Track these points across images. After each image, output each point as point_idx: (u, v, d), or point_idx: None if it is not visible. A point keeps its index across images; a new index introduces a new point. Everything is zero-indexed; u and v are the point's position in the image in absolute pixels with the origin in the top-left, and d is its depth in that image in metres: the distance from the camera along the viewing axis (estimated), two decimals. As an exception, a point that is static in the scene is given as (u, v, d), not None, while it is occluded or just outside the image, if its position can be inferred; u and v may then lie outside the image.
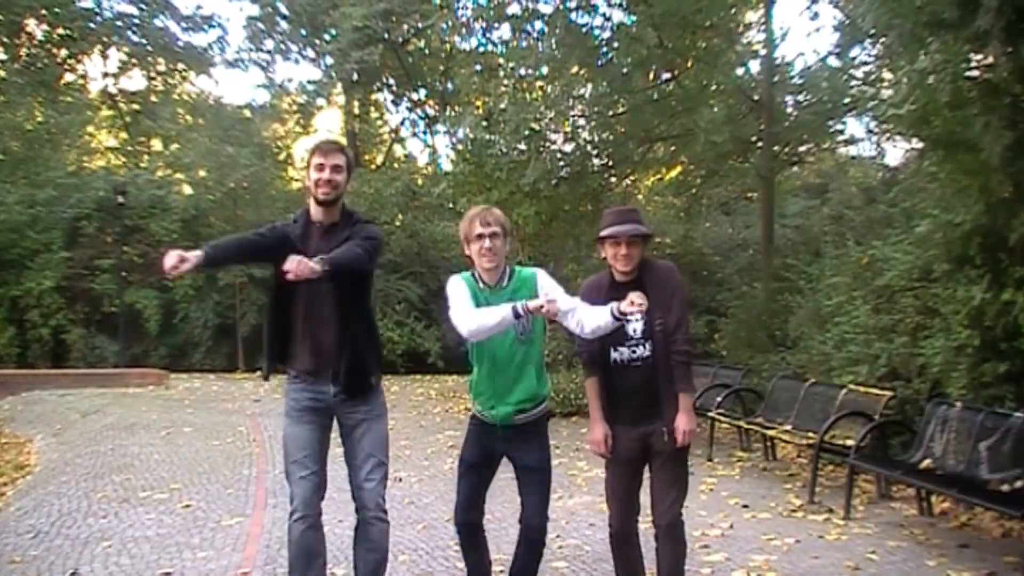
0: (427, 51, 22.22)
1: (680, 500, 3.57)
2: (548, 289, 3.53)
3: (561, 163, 12.32)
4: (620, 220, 3.56)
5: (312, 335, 3.45)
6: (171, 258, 3.15)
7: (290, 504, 3.45)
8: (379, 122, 26.71)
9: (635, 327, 3.50)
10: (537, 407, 3.59)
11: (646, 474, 3.66)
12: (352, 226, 3.51)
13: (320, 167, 3.45)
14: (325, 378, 3.46)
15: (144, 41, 22.50)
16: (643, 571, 3.67)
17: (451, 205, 15.90)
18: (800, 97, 12.68)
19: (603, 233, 3.55)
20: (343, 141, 21.90)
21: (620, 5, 11.91)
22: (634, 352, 3.52)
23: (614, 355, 3.55)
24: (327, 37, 21.61)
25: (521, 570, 3.65)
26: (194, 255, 3.19)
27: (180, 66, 23.59)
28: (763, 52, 12.65)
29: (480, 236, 3.49)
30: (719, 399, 8.46)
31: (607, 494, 3.71)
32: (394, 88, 24.51)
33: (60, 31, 21.77)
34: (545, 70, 11.91)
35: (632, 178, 14.58)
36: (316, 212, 3.51)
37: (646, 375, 3.51)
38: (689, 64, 12.14)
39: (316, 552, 3.47)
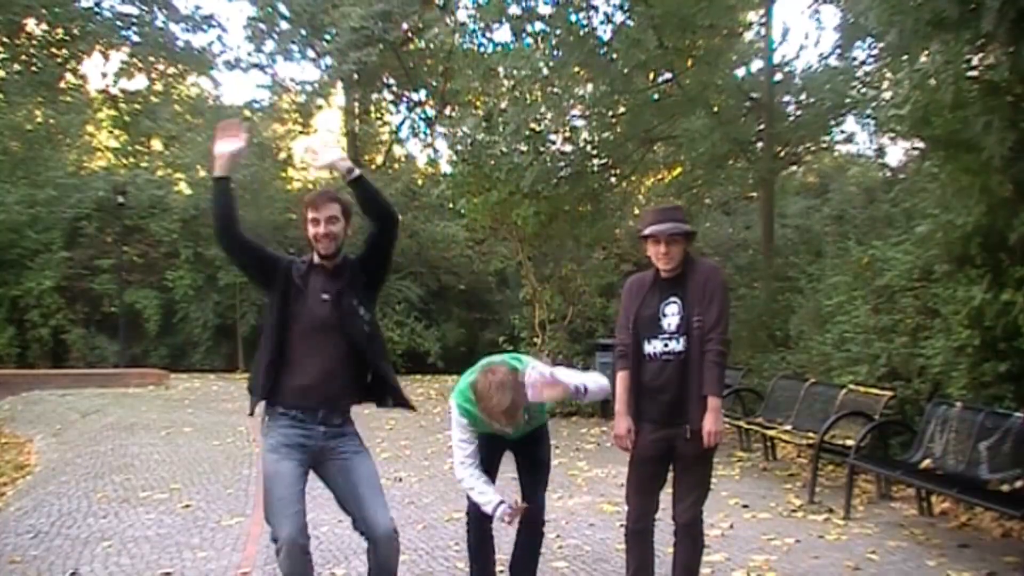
0: (427, 51, 22.21)
1: (701, 500, 3.57)
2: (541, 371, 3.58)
3: (561, 163, 12.33)
4: (661, 219, 3.54)
5: (317, 370, 3.34)
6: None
7: (274, 542, 3.26)
8: (379, 122, 26.70)
9: (671, 321, 3.48)
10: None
11: (668, 473, 3.66)
12: (351, 262, 3.46)
13: (315, 221, 3.35)
14: (316, 419, 3.36)
15: (144, 41, 22.48)
16: (653, 567, 3.67)
17: (451, 205, 15.89)
18: (800, 97, 12.69)
19: (644, 232, 3.55)
20: (337, 190, 21.79)
21: (620, 6, 11.92)
22: (667, 346, 3.48)
23: (648, 348, 3.52)
24: (327, 37, 21.61)
25: (524, 558, 3.66)
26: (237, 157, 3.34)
27: (180, 67, 23.57)
28: (763, 52, 12.66)
29: (501, 417, 3.40)
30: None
31: (627, 491, 3.69)
32: (394, 88, 24.51)
33: (60, 31, 21.76)
34: (545, 71, 11.92)
35: (632, 179, 14.59)
36: (319, 259, 3.45)
37: (677, 371, 3.46)
38: (689, 64, 12.15)
39: (307, 572, 3.38)
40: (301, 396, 3.35)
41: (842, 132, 13.45)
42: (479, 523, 3.67)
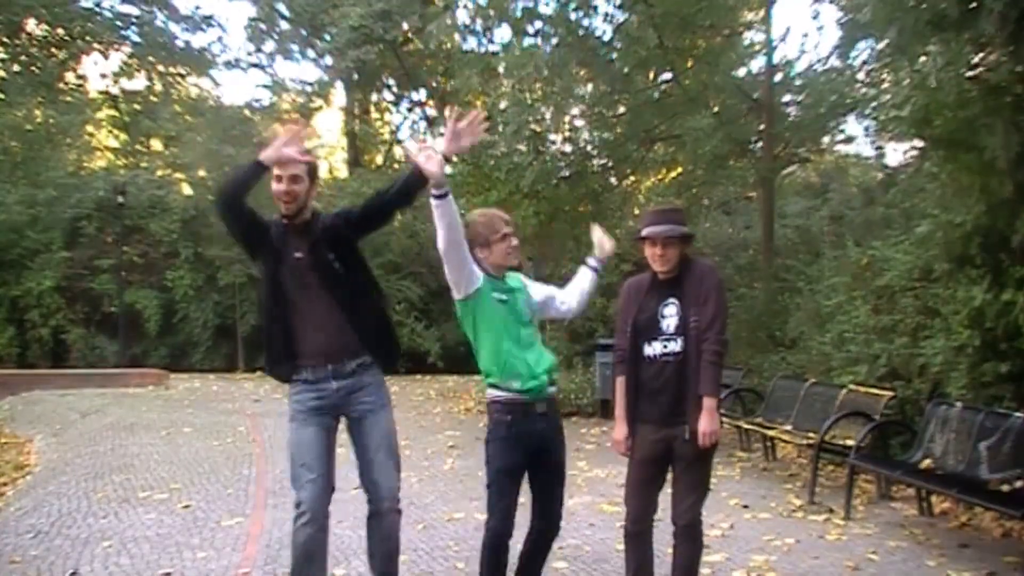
0: (427, 51, 22.22)
1: (700, 502, 3.56)
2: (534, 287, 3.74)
3: (561, 163, 12.33)
4: (658, 220, 3.55)
5: (313, 328, 3.43)
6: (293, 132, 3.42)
7: (296, 508, 3.37)
8: (379, 122, 26.70)
9: (669, 322, 3.50)
10: (555, 384, 3.63)
11: (668, 474, 3.65)
12: (322, 219, 3.52)
13: (278, 178, 3.40)
14: (326, 375, 3.44)
15: (144, 41, 22.48)
16: (652, 568, 3.66)
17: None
18: (800, 97, 12.69)
19: (642, 233, 3.57)
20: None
21: (620, 5, 11.92)
22: (666, 347, 3.49)
23: (647, 350, 3.54)
24: (327, 37, 21.62)
25: (531, 560, 3.65)
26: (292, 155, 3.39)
27: (180, 68, 23.56)
28: (763, 52, 12.66)
29: (506, 236, 3.54)
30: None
31: (626, 491, 3.69)
32: (394, 88, 24.51)
33: (60, 31, 21.76)
34: (545, 71, 11.93)
35: (632, 179, 14.59)
36: (284, 218, 3.51)
37: (675, 372, 3.47)
38: (689, 64, 12.15)
39: (322, 555, 3.44)
40: (306, 356, 3.42)
41: (842, 132, 13.45)
42: (497, 545, 3.52)
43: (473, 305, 3.49)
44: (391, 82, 24.16)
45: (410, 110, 24.68)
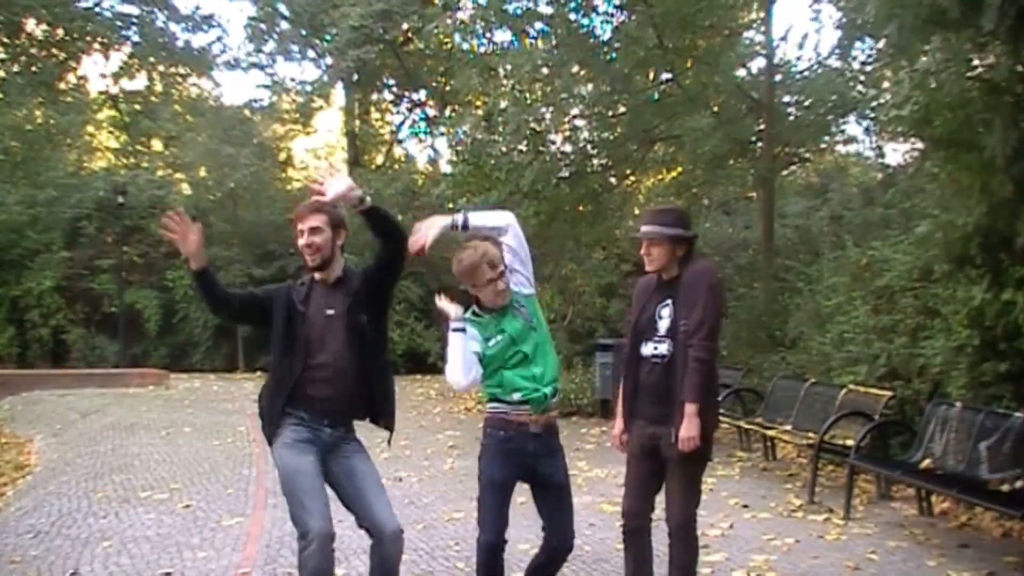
0: (427, 51, 22.22)
1: (690, 504, 3.55)
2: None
3: (561, 163, 12.33)
4: (647, 220, 3.59)
5: (326, 383, 3.38)
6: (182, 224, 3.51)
7: (303, 539, 3.27)
8: (379, 122, 26.69)
9: (664, 323, 3.52)
10: (557, 393, 3.60)
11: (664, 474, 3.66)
12: (355, 276, 3.49)
13: (301, 233, 3.40)
14: (320, 422, 3.41)
15: (144, 41, 22.49)
16: (651, 567, 3.66)
17: (451, 205, 15.91)
18: (800, 97, 12.68)
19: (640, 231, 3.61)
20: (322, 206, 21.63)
21: (620, 6, 11.92)
22: (656, 348, 3.52)
23: (643, 349, 3.58)
24: (327, 37, 21.61)
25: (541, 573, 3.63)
26: (199, 246, 3.50)
27: (180, 68, 23.56)
28: (763, 52, 12.65)
29: (491, 280, 3.51)
30: (719, 399, 8.47)
31: (625, 489, 3.72)
32: (394, 88, 24.50)
33: (60, 31, 21.76)
34: (545, 70, 11.93)
35: (632, 179, 14.59)
36: (317, 273, 3.48)
37: (663, 373, 3.49)
38: (689, 64, 12.15)
39: (332, 571, 3.43)
40: (308, 405, 3.39)
41: (842, 132, 13.44)
42: (498, 551, 3.50)
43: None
44: (391, 82, 24.14)
45: (410, 110, 24.67)
